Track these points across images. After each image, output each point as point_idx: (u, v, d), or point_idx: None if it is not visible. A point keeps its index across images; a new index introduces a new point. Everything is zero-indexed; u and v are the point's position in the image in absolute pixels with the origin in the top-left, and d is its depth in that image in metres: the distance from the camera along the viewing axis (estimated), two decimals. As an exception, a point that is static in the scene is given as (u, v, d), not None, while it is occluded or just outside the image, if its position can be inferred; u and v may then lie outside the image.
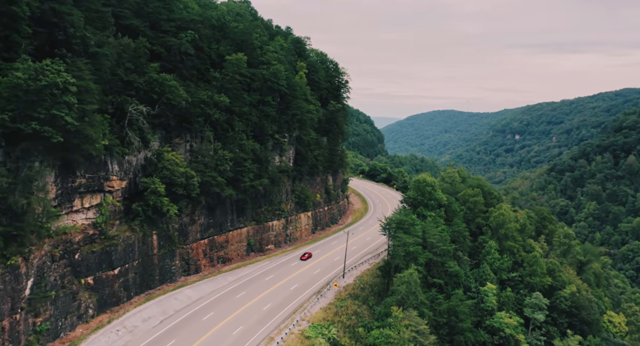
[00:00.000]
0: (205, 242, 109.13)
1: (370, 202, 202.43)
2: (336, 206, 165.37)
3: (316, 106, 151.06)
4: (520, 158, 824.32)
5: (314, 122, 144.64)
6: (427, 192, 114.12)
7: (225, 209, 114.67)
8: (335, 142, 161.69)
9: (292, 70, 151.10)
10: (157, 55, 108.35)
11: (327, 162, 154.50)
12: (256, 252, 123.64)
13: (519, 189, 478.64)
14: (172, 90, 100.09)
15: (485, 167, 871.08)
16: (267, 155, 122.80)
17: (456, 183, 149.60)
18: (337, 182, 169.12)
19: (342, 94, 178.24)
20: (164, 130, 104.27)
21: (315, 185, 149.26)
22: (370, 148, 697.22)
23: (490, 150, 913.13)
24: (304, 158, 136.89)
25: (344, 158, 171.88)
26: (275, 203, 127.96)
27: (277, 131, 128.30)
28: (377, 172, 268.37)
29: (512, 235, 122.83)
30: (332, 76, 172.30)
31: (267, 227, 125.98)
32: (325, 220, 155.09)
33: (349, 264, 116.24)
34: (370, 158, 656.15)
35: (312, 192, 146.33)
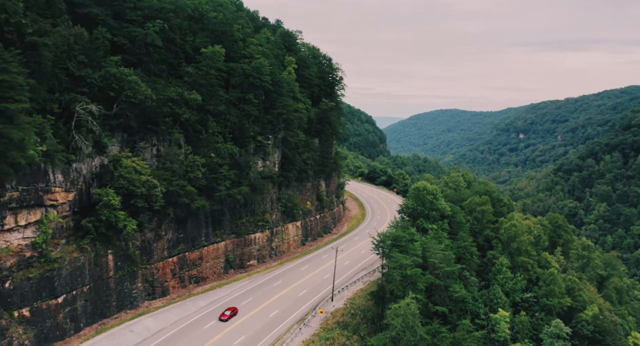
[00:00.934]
0: (174, 260, 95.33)
1: (369, 208, 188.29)
2: (330, 214, 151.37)
3: (306, 104, 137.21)
4: (525, 158, 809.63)
5: (303, 122, 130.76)
6: (428, 202, 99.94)
7: (199, 222, 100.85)
8: (329, 143, 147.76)
9: (280, 66, 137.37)
10: (120, 48, 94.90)
11: (318, 166, 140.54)
12: (236, 269, 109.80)
13: (525, 190, 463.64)
14: (131, 87, 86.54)
15: (489, 167, 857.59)
16: (248, 160, 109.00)
17: (461, 189, 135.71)
18: (331, 187, 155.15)
19: (336, 92, 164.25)
20: (126, 133, 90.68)
21: (305, 191, 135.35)
22: (371, 148, 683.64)
23: (494, 149, 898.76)
24: (291, 162, 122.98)
25: (338, 161, 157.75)
26: (258, 213, 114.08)
27: (260, 132, 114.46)
28: (377, 175, 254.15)
29: (525, 249, 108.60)
30: (325, 72, 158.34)
31: (249, 240, 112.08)
32: (317, 230, 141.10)
33: (340, 283, 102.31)
34: (372, 158, 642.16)
35: (302, 200, 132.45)
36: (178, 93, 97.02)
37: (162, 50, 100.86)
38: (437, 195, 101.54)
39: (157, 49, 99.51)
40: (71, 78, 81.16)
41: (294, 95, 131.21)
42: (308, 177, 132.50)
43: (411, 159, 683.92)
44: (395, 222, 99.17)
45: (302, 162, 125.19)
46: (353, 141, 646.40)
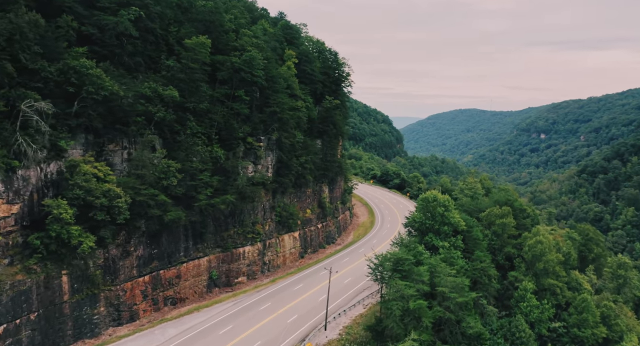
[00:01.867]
0: (145, 280, 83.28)
1: (378, 214, 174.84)
2: (334, 222, 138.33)
3: (307, 102, 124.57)
4: (546, 158, 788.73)
5: (303, 121, 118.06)
6: (439, 215, 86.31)
7: (176, 235, 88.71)
8: (332, 145, 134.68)
9: (278, 60, 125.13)
10: (88, 38, 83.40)
11: (320, 170, 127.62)
12: (222, 287, 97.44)
13: (547, 192, 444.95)
14: (93, 81, 74.90)
15: (510, 168, 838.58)
16: (236, 164, 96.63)
17: (479, 197, 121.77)
18: (335, 193, 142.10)
19: (343, 89, 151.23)
20: (91, 134, 78.92)
21: (305, 198, 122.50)
22: (388, 149, 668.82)
23: (514, 149, 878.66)
24: (287, 166, 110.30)
25: (343, 164, 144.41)
26: (247, 224, 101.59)
27: (251, 133, 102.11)
28: (390, 177, 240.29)
29: (553, 269, 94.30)
30: (330, 68, 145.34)
31: (237, 254, 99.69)
32: (319, 240, 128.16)
33: (337, 307, 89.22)
34: (388, 159, 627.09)
35: (300, 208, 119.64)
36: (152, 89, 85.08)
37: (138, 41, 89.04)
38: (450, 206, 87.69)
39: (132, 39, 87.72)
40: (23, 71, 69.94)
41: (292, 92, 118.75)
42: (307, 183, 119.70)
43: (429, 160, 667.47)
44: (399, 238, 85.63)
45: (300, 165, 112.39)
46: (369, 141, 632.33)
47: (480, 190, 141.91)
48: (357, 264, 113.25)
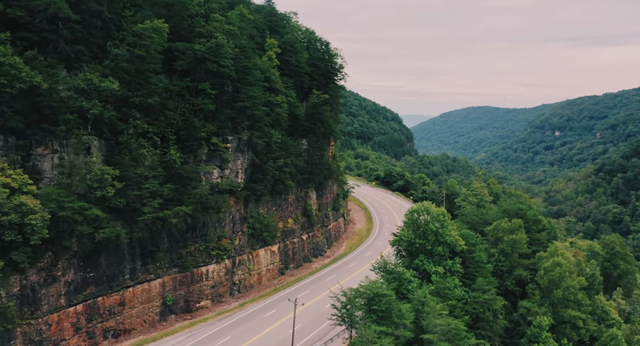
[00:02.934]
0: (77, 310, 69.13)
1: (377, 220, 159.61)
2: (323, 231, 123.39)
3: (289, 97, 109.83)
4: (561, 156, 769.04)
5: (282, 118, 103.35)
6: (431, 232, 70.75)
7: (119, 255, 74.43)
8: (321, 145, 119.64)
9: (257, 50, 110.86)
10: (15, 22, 69.55)
11: (306, 174, 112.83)
12: (180, 314, 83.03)
13: (562, 192, 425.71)
14: (5, 71, 61.17)
15: (523, 166, 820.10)
16: (196, 169, 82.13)
17: (485, 205, 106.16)
18: (325, 199, 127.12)
19: (335, 82, 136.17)
20: (12, 136, 65.16)
21: (286, 206, 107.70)
22: (397, 147, 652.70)
23: (528, 147, 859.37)
24: (261, 170, 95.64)
25: (333, 167, 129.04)
26: (211, 239, 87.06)
27: (217, 133, 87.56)
28: (394, 179, 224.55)
29: (574, 298, 78.26)
30: (320, 59, 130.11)
31: (198, 275, 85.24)
32: (304, 254, 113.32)
33: (310, 341, 74.29)
34: (398, 158, 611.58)
35: (280, 217, 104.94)
36: (86, 81, 70.89)
37: (79, 26, 74.91)
38: (446, 222, 71.96)
39: (71, 23, 73.64)
40: None
41: (271, 86, 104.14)
42: (288, 189, 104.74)
43: (439, 159, 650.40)
44: (382, 261, 69.77)
45: (278, 169, 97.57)
46: (377, 140, 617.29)
47: (487, 196, 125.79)
48: (344, 283, 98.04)
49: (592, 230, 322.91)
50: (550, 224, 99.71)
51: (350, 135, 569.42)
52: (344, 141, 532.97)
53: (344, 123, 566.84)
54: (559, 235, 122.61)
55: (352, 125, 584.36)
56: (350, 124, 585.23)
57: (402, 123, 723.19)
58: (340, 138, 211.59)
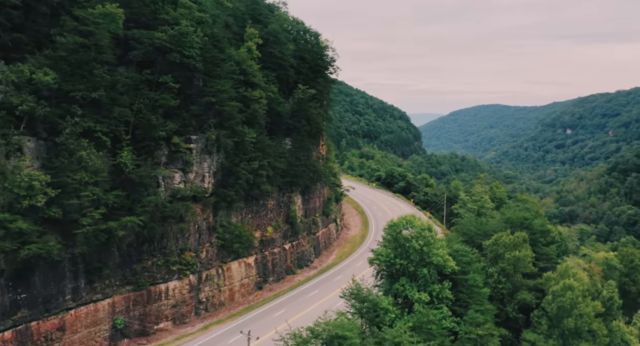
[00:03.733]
0: (6, 337, 59.04)
1: (373, 225, 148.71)
2: (309, 240, 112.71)
3: (270, 92, 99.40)
4: (572, 155, 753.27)
5: (259, 115, 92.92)
6: (415, 251, 59.25)
7: (59, 272, 64.28)
8: (307, 145, 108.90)
9: (233, 40, 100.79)
10: None
11: (289, 177, 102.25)
12: (134, 338, 72.82)
13: (574, 193, 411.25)
14: None
15: (534, 165, 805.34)
16: (151, 173, 71.91)
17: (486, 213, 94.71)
18: (313, 204, 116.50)
19: (327, 76, 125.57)
20: None
21: (264, 213, 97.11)
22: (405, 146, 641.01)
23: (539, 146, 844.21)
24: (233, 173, 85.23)
25: (321, 169, 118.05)
26: (172, 252, 76.75)
27: (179, 131, 77.30)
28: (395, 180, 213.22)
29: (589, 327, 66.37)
30: (307, 51, 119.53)
31: (156, 293, 75.00)
32: (286, 265, 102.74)
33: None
34: (405, 157, 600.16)
35: (258, 225, 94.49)
36: (17, 73, 61.05)
37: (16, 12, 65.40)
38: (432, 240, 60.18)
39: (6, 9, 64.10)
40: None
41: (246, 79, 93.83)
42: (266, 194, 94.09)
43: (447, 158, 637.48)
44: (355, 287, 58.29)
45: (250, 172, 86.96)
46: (384, 139, 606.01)
47: (488, 202, 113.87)
48: (327, 300, 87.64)
49: (605, 233, 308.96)
50: (561, 236, 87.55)
51: (356, 134, 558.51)
52: (349, 140, 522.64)
53: (349, 122, 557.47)
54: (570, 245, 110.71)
55: (358, 124, 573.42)
56: (357, 123, 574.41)
57: (409, 121, 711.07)
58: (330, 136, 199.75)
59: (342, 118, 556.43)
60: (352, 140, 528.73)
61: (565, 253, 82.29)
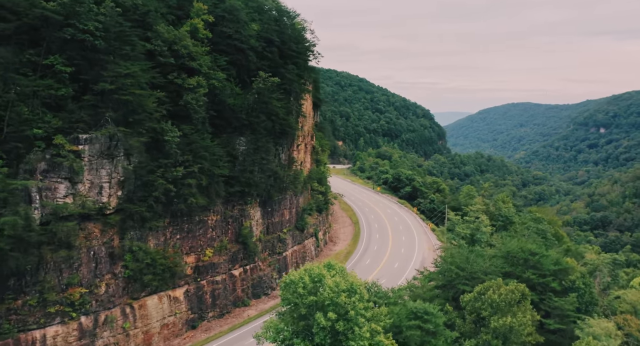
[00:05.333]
0: None
1: (364, 238, 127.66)
2: (271, 262, 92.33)
3: (215, 80, 79.55)
4: (606, 155, 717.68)
5: (193, 108, 73.20)
6: (321, 330, 35.99)
7: None
8: (266, 146, 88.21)
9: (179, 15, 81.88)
10: None
11: (239, 185, 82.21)
12: (-13, 409, 53.96)
13: (607, 196, 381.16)
14: None
15: (565, 165, 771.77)
16: (12, 186, 52.89)
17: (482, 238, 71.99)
18: (279, 217, 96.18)
19: (299, 64, 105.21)
20: None
21: (201, 232, 77.02)
22: (427, 145, 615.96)
23: (570, 145, 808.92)
24: (146, 184, 65.67)
25: (283, 174, 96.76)
26: (52, 288, 57.49)
27: (64, 128, 58.17)
28: (402, 184, 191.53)
29: None
30: (278, 33, 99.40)
31: (28, 342, 55.88)
32: (236, 295, 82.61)
33: None
34: (427, 157, 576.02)
35: (192, 247, 74.64)
36: None
37: None
38: (357, 299, 37.99)
39: None
40: None
41: (179, 63, 74.40)
42: (196, 209, 73.64)
43: (472, 158, 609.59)
44: None
45: (173, 182, 67.20)
46: (405, 138, 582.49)
47: (486, 223, 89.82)
48: None
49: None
50: (584, 280, 62.89)
51: (375, 133, 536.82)
52: (368, 139, 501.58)
53: (368, 120, 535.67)
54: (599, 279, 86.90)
55: (377, 122, 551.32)
56: (376, 121, 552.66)
57: (433, 120, 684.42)
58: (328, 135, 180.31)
59: (360, 117, 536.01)
60: (371, 139, 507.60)
61: (591, 306, 58.86)
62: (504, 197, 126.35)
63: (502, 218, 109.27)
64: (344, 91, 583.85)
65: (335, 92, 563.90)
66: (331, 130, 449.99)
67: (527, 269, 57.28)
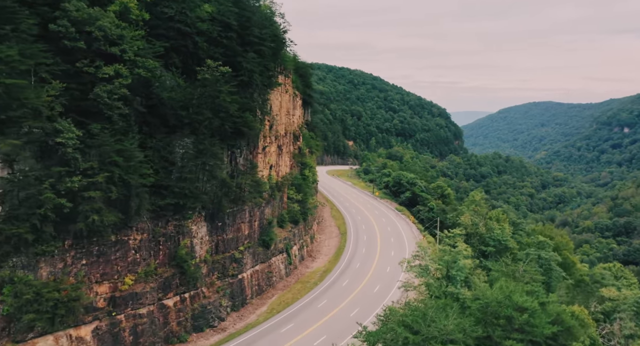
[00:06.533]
0: None
1: (348, 252, 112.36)
2: (221, 287, 77.45)
3: (139, 69, 65.20)
4: (630, 156, 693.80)
5: (104, 103, 58.98)
6: None
7: None
8: (212, 150, 73.32)
9: None
10: None
11: (173, 197, 67.72)
12: None
13: (631, 200, 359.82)
14: None
15: (587, 166, 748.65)
16: None
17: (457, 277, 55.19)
18: (234, 232, 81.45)
19: (263, 52, 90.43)
20: None
21: (121, 255, 62.55)
22: (443, 145, 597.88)
23: (593, 145, 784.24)
24: (26, 199, 51.51)
25: (231, 183, 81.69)
26: None
27: None
28: (403, 188, 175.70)
29: None
30: (237, 16, 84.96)
31: None
32: (169, 329, 67.93)
33: None
34: (442, 157, 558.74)
35: (104, 275, 60.21)
36: None
37: None
38: None
39: None
40: None
41: (93, 48, 60.35)
42: (96, 229, 58.48)
43: (489, 158, 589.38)
44: None
45: (67, 194, 52.92)
46: (420, 137, 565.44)
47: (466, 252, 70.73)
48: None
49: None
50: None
51: (388, 132, 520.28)
52: (380, 139, 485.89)
53: (381, 119, 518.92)
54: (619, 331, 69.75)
55: (391, 122, 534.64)
56: (390, 120, 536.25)
57: (449, 119, 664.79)
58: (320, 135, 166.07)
59: (373, 116, 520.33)
60: (384, 139, 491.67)
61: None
62: (499, 215, 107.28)
63: (494, 242, 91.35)
64: (356, 89, 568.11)
65: (347, 91, 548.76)
66: (341, 130, 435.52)
67: (512, 332, 40.87)
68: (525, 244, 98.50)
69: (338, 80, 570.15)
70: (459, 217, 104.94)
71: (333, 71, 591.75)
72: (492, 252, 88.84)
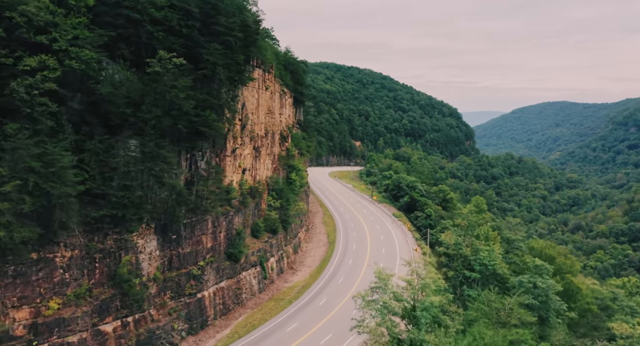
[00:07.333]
0: None
1: (333, 264, 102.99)
2: (174, 309, 68.77)
3: (71, 60, 56.57)
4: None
5: (21, 98, 50.36)
6: None
7: None
8: (162, 155, 64.42)
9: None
10: None
11: (112, 207, 58.80)
12: None
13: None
14: None
15: (603, 167, 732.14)
16: None
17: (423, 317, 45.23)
18: (193, 246, 72.27)
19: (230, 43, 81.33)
20: None
21: (45, 275, 53.40)
22: (454, 146, 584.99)
23: (609, 146, 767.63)
24: None
25: (184, 192, 72.68)
26: None
27: None
28: (402, 192, 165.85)
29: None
30: (202, 2, 76.15)
31: None
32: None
33: None
34: (452, 158, 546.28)
35: (23, 298, 51.65)
36: None
37: None
38: None
39: None
40: None
41: (21, 38, 52.01)
42: (16, 248, 49.72)
43: (501, 159, 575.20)
44: None
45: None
46: (429, 138, 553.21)
47: (435, 285, 56.36)
48: None
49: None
50: None
51: (397, 132, 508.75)
52: (388, 139, 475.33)
53: (389, 119, 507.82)
54: None
55: (400, 122, 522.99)
56: (398, 120, 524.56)
57: (461, 119, 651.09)
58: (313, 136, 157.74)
59: (381, 115, 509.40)
60: (392, 139, 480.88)
61: None
62: (488, 232, 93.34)
63: (480, 266, 77.78)
64: (365, 89, 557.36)
65: (356, 90, 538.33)
66: (347, 130, 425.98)
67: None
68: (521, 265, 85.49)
69: (346, 79, 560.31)
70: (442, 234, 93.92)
71: (342, 70, 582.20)
72: (477, 278, 76.46)
